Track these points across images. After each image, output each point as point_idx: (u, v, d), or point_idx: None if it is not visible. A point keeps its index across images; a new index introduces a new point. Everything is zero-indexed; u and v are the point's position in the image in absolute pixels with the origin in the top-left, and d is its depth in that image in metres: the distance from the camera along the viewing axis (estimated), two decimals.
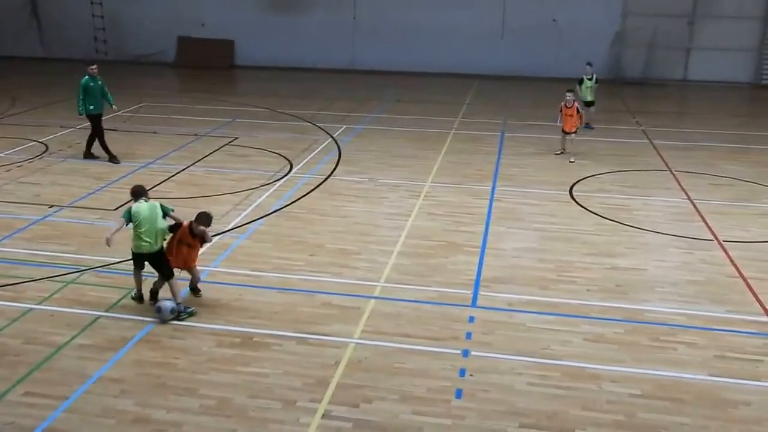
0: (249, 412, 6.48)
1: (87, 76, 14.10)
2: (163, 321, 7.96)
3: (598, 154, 15.63)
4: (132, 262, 8.34)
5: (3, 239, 10.29)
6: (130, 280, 8.61)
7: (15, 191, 12.48)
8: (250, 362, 7.27)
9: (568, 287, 9.09)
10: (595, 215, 11.73)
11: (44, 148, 15.36)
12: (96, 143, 14.53)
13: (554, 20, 25.26)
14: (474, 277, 9.31)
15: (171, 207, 8.34)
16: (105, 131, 14.60)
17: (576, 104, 14.97)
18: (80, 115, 14.28)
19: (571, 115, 14.91)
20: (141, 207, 8.06)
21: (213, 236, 10.48)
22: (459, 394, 6.79)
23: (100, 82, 14.29)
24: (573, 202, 12.42)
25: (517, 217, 11.60)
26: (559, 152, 15.32)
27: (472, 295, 8.81)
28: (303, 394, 6.75)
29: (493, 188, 13.09)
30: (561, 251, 10.23)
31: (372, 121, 18.68)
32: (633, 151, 16.05)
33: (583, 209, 12.03)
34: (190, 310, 8.20)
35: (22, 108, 19.65)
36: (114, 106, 14.64)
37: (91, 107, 14.18)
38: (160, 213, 8.09)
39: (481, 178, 13.64)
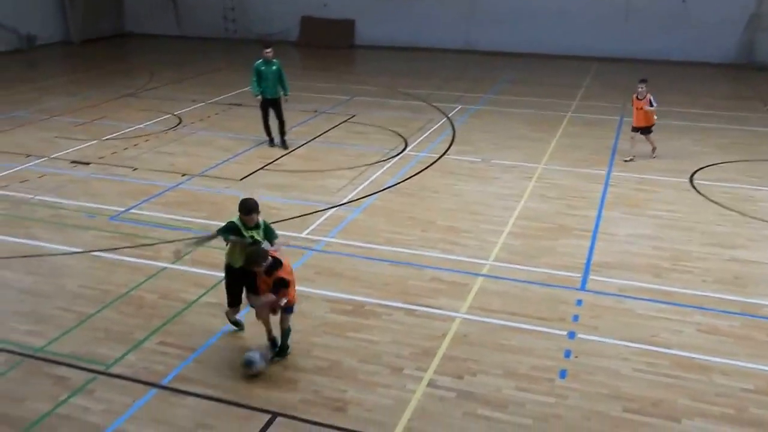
0: (358, 375, 6.85)
1: (261, 60, 13.64)
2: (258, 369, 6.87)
3: (723, 142, 14.93)
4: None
5: (141, 203, 11.21)
6: None
7: (152, 160, 13.49)
8: (360, 329, 7.64)
9: (682, 276, 8.90)
10: (716, 205, 11.31)
11: (178, 121, 16.43)
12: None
13: (684, 1, 24.08)
14: (584, 261, 9.28)
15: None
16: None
17: (649, 96, 13.25)
18: (255, 96, 13.87)
19: (641, 108, 13.30)
20: None
21: (330, 208, 11.01)
22: (563, 374, 6.88)
23: (274, 67, 13.65)
24: (693, 190, 12.00)
25: (632, 203, 11.37)
26: (629, 159, 13.51)
27: (581, 279, 8.81)
28: (410, 362, 7.05)
29: (609, 173, 12.85)
30: (677, 240, 9.98)
31: (487, 102, 18.66)
32: (762, 140, 15.21)
33: (704, 198, 11.61)
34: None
35: (159, 83, 20.99)
36: (287, 96, 14.02)
37: (262, 91, 13.74)
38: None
39: (596, 163, 13.41)
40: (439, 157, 13.69)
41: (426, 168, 13.04)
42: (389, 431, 6.06)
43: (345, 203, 11.28)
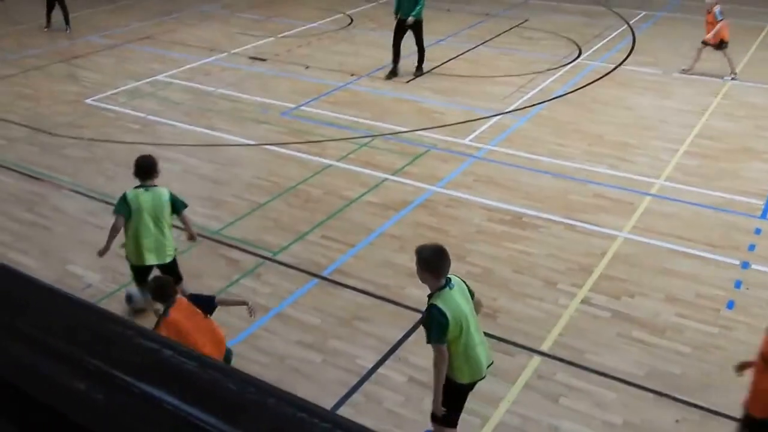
0: (510, 285, 6.85)
1: None
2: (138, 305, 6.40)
3: None
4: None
5: (311, 101, 11.59)
6: (415, 149, 9.23)
7: (323, 59, 13.79)
8: (516, 240, 7.58)
9: None
10: None
11: (349, 21, 16.58)
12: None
13: None
14: None
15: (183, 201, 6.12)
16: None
17: (715, 9, 11.62)
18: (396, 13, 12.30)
19: (712, 23, 11.77)
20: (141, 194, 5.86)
21: (494, 116, 10.79)
22: (731, 305, 6.48)
23: None
24: None
25: None
26: (685, 69, 12.30)
27: (763, 206, 8.10)
28: (564, 277, 6.93)
29: None
30: None
31: (675, 8, 17.08)
32: None
33: None
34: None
35: None
36: (410, 19, 11.97)
37: (398, 10, 12.17)
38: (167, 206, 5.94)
39: None
40: (615, 68, 12.86)
41: (599, 78, 12.32)
42: (537, 343, 6.06)
43: (510, 111, 11.00)
